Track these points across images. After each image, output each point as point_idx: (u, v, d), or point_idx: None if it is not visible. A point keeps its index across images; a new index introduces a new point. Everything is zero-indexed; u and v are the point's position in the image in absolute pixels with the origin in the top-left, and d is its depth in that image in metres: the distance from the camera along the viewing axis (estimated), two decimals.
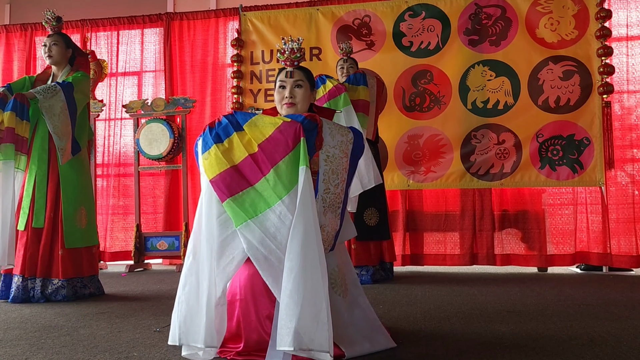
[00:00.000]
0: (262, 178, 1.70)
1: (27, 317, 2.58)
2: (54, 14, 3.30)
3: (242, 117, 1.79)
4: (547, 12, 4.38)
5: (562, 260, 4.35)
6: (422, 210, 4.60)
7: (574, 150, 4.28)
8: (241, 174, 1.71)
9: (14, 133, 2.97)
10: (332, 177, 1.84)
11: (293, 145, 1.70)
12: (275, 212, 1.67)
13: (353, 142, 1.90)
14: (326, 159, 1.83)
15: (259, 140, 1.73)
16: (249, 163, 1.72)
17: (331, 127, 1.86)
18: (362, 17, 4.72)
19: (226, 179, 1.70)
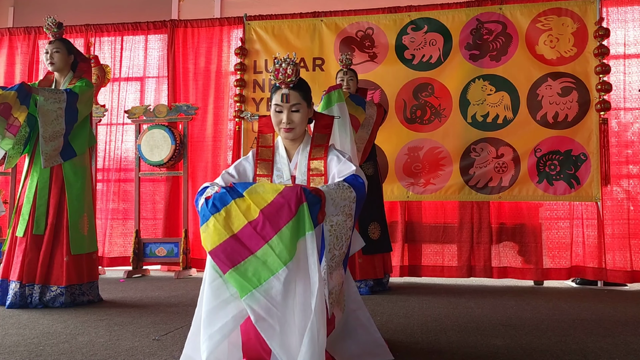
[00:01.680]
0: (265, 245, 1.64)
1: (25, 323, 2.59)
2: (54, 20, 3.27)
3: (242, 185, 1.73)
4: (547, 29, 4.44)
5: (557, 274, 4.38)
6: (420, 221, 4.63)
7: (571, 166, 4.32)
8: (241, 243, 1.65)
9: (10, 111, 2.94)
10: (336, 244, 1.79)
11: (296, 209, 1.65)
12: (279, 279, 1.62)
13: (357, 201, 1.83)
14: (330, 229, 1.78)
15: (261, 205, 1.66)
16: (248, 231, 1.65)
17: (333, 196, 1.76)
18: (365, 29, 4.77)
19: (226, 249, 1.65)
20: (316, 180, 2.01)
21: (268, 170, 2.06)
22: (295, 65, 1.96)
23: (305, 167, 2.04)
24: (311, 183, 2.01)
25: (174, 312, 2.93)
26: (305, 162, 2.04)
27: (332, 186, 1.80)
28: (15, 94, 2.96)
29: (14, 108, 2.96)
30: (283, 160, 2.07)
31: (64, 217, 3.15)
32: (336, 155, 2.02)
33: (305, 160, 2.04)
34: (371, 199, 3.82)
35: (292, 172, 2.06)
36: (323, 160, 2.03)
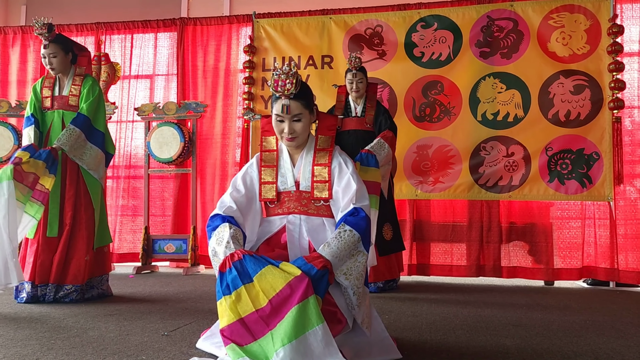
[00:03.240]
0: (268, 333, 1.68)
1: (37, 317, 2.61)
2: (44, 23, 3.12)
3: (252, 266, 1.73)
4: (559, 26, 4.39)
5: (569, 275, 4.34)
6: (429, 220, 4.61)
7: (583, 165, 4.28)
8: (247, 328, 1.70)
9: (37, 182, 2.92)
10: (358, 283, 1.84)
11: (299, 300, 1.66)
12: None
13: (362, 239, 1.87)
14: (345, 275, 1.83)
15: (270, 294, 1.69)
16: (254, 318, 1.69)
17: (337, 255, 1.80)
18: (374, 26, 4.75)
19: (233, 332, 1.70)
20: (320, 187, 2.02)
21: (272, 177, 2.07)
22: (295, 77, 1.92)
23: (309, 172, 2.04)
24: (315, 190, 2.02)
25: (183, 308, 2.94)
26: (310, 167, 2.04)
27: (334, 244, 1.82)
28: (44, 164, 2.95)
29: (42, 178, 2.95)
30: (287, 166, 2.07)
31: (82, 216, 3.17)
32: (339, 164, 2.02)
33: (309, 165, 2.05)
34: (382, 200, 3.79)
35: (296, 178, 2.06)
36: (327, 167, 2.03)
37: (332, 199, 2.02)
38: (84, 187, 3.20)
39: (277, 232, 2.04)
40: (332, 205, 2.04)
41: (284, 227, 2.03)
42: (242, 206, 2.02)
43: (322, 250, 1.82)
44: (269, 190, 2.07)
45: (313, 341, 1.63)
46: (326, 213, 2.04)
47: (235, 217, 1.96)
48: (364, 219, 1.88)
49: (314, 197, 2.02)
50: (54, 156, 3.01)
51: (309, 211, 2.04)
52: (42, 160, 2.95)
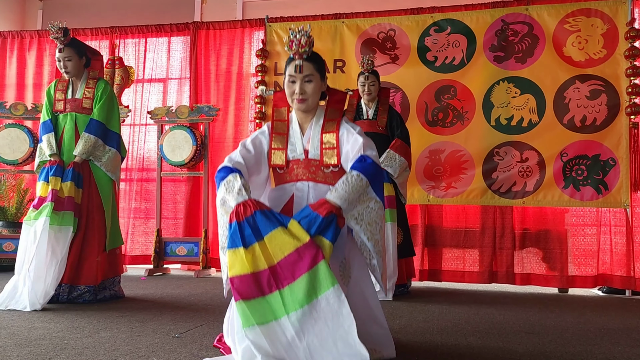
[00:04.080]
0: (276, 291, 1.72)
1: (51, 317, 2.63)
2: (59, 27, 3.18)
3: (263, 225, 1.78)
4: (575, 30, 4.35)
5: (583, 282, 4.28)
6: (441, 225, 4.57)
7: (599, 171, 4.22)
8: (258, 283, 1.74)
9: (73, 202, 3.07)
10: (372, 229, 1.88)
11: (309, 267, 1.70)
12: (279, 325, 1.69)
13: (371, 184, 1.89)
14: (356, 220, 1.86)
15: (278, 257, 1.74)
16: (266, 275, 1.74)
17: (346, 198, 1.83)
18: (387, 30, 4.74)
19: (243, 283, 1.73)
20: (329, 153, 2.04)
21: (282, 144, 2.10)
22: (309, 37, 1.99)
23: (318, 141, 2.07)
24: (324, 156, 2.05)
25: (194, 310, 2.94)
26: (318, 136, 2.07)
27: (340, 187, 1.85)
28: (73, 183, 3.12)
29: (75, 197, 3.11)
30: (296, 135, 2.10)
31: (94, 218, 3.20)
32: (347, 129, 2.05)
33: (318, 134, 2.08)
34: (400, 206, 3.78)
35: (305, 147, 2.09)
36: (335, 133, 2.05)
37: (342, 162, 2.04)
38: (95, 189, 3.23)
39: (288, 202, 2.06)
40: (344, 166, 2.04)
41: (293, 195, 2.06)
42: (250, 165, 2.07)
43: (329, 195, 1.85)
44: (278, 156, 2.10)
45: (325, 305, 1.68)
46: (334, 181, 2.03)
47: (243, 172, 1.99)
48: (372, 164, 1.90)
49: (323, 163, 2.04)
50: (77, 172, 3.15)
51: (317, 178, 2.05)
52: (70, 181, 3.10)
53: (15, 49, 5.68)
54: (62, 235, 3.00)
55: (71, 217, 3.04)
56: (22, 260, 2.98)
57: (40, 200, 3.07)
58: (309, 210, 1.82)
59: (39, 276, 2.89)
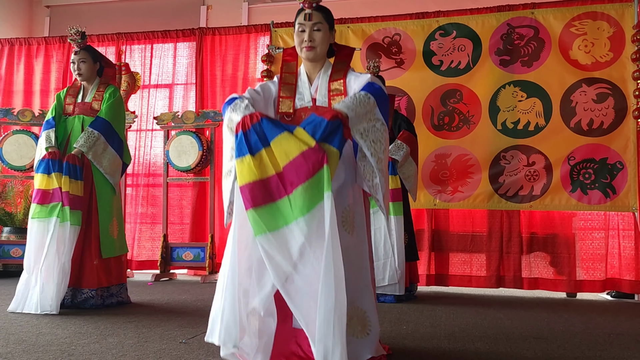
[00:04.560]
0: (285, 197, 1.74)
1: (58, 323, 2.64)
2: (78, 30, 3.28)
3: (269, 130, 1.81)
4: (582, 33, 4.33)
5: (592, 286, 4.24)
6: (448, 230, 4.55)
7: (606, 174, 4.19)
8: (267, 189, 1.76)
9: (69, 196, 3.04)
10: (377, 147, 1.91)
11: (314, 171, 1.72)
12: (290, 231, 1.72)
13: (377, 105, 1.94)
14: (361, 135, 1.89)
15: (283, 161, 1.76)
16: (275, 180, 1.76)
17: (353, 109, 1.87)
18: (392, 35, 4.74)
19: (253, 190, 1.76)
20: (337, 99, 2.08)
21: (291, 93, 2.16)
22: None
23: (325, 89, 2.12)
24: (332, 102, 2.08)
25: (200, 315, 2.94)
26: (326, 85, 2.12)
27: (348, 100, 1.90)
28: (67, 177, 3.07)
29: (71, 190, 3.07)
30: (304, 85, 2.16)
31: (93, 222, 3.20)
32: (354, 75, 2.11)
33: (325, 83, 2.13)
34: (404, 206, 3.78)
35: (313, 95, 2.14)
36: (342, 80, 2.11)
37: None
38: (95, 193, 3.23)
39: None
40: None
41: None
42: (259, 106, 2.07)
43: (336, 105, 1.89)
44: (286, 105, 2.14)
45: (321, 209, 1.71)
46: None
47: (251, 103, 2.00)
48: (380, 89, 1.95)
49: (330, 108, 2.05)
50: (72, 164, 3.09)
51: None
52: (65, 175, 3.07)
53: (22, 55, 5.72)
54: (64, 232, 3.01)
55: (67, 212, 3.03)
56: (31, 258, 3.00)
57: (39, 194, 3.07)
58: (314, 116, 1.83)
59: (49, 276, 2.91)
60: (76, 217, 3.06)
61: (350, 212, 1.94)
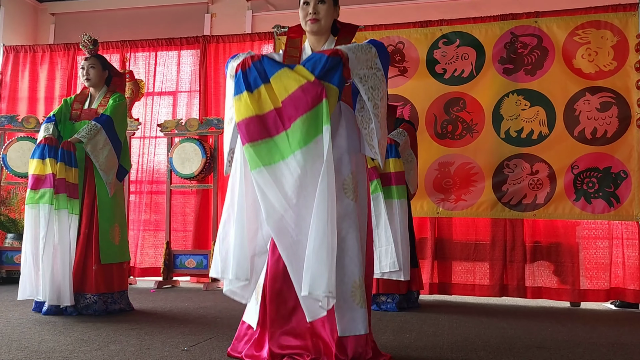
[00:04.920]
0: (283, 132, 1.78)
1: (60, 330, 2.63)
2: (90, 37, 3.39)
3: (269, 67, 1.84)
4: (585, 42, 4.34)
5: (595, 296, 4.22)
6: (451, 238, 4.54)
7: (610, 183, 4.18)
8: (264, 124, 1.80)
9: (65, 183, 3.07)
10: (374, 93, 1.92)
11: (312, 104, 1.76)
12: (287, 165, 1.76)
13: (378, 55, 1.97)
14: (361, 79, 1.91)
15: (282, 96, 1.80)
16: (273, 116, 1.80)
17: (353, 50, 1.90)
18: (395, 43, 4.75)
19: (249, 126, 1.80)
20: None
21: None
22: None
23: None
24: None
25: (203, 323, 2.94)
26: None
27: (350, 45, 1.95)
28: (63, 164, 3.08)
29: (67, 177, 3.09)
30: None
31: (95, 226, 3.21)
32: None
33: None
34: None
35: None
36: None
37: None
38: (96, 197, 3.24)
39: None
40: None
41: None
42: None
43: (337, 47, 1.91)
44: None
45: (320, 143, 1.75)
46: (346, 97, 2.06)
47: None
48: (382, 44, 2.00)
49: None
50: (66, 150, 3.11)
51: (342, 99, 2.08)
52: (59, 162, 3.08)
53: (27, 62, 5.75)
54: (63, 220, 3.02)
55: (64, 199, 3.05)
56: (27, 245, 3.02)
57: (32, 180, 3.09)
58: (314, 53, 1.89)
59: (48, 267, 2.95)
60: (74, 206, 3.07)
61: (352, 179, 1.96)
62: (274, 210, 1.75)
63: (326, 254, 1.67)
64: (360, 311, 1.90)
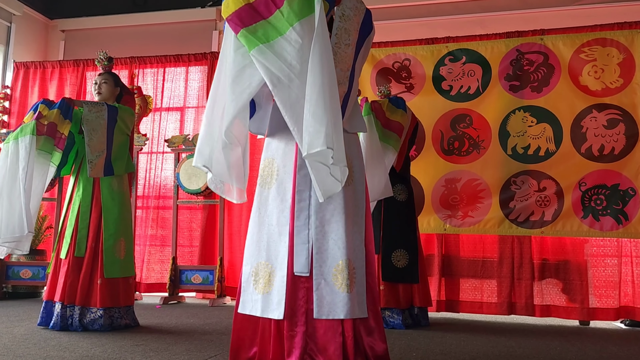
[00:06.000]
0: (276, 11, 1.79)
1: (65, 346, 2.62)
2: (106, 54, 3.52)
3: None
4: (591, 59, 4.34)
5: (605, 315, 4.17)
6: (458, 255, 4.51)
7: (618, 201, 4.15)
8: (255, 10, 1.80)
9: (56, 129, 3.12)
10: (344, 35, 1.94)
11: None
12: (287, 39, 1.76)
13: (364, 15, 2.00)
14: (341, 16, 1.94)
15: None
16: (263, 1, 1.81)
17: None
18: (402, 60, 4.78)
19: (241, 14, 1.80)
20: None
21: None
22: None
23: None
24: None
25: (208, 340, 2.92)
26: None
27: None
28: (58, 111, 3.16)
29: (59, 125, 3.15)
30: None
31: (101, 240, 3.22)
32: None
33: None
34: (399, 223, 3.73)
35: None
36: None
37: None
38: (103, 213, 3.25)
39: None
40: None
41: None
42: None
43: None
44: None
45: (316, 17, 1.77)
46: None
47: None
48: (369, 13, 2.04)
49: None
50: (67, 103, 3.21)
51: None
52: (57, 108, 3.15)
53: (37, 78, 5.82)
54: (40, 160, 3.03)
55: (51, 144, 3.07)
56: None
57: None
58: None
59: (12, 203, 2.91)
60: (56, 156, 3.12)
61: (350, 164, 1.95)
62: (280, 82, 1.75)
63: (322, 110, 1.66)
64: (341, 295, 1.86)
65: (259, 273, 1.96)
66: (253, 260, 2.00)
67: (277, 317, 1.87)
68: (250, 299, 1.97)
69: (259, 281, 1.95)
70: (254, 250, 2.01)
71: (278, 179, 2.01)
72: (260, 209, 2.03)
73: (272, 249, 1.95)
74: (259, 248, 1.99)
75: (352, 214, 1.95)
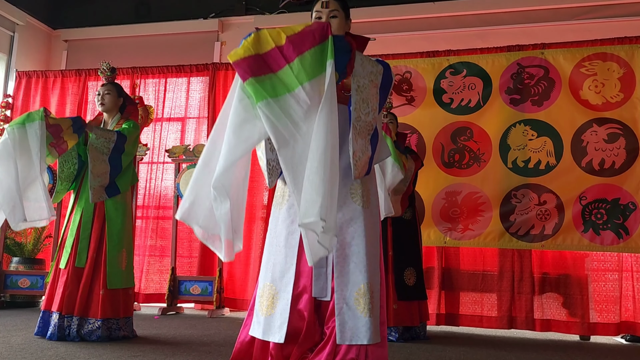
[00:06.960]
0: (286, 65, 1.74)
1: (62, 356, 2.60)
2: (109, 65, 3.53)
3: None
4: (592, 74, 4.36)
5: (605, 330, 4.14)
6: (458, 268, 4.49)
7: (619, 215, 4.15)
8: (265, 62, 1.76)
9: (60, 132, 3.10)
10: (362, 106, 1.91)
11: (320, 39, 1.76)
12: (294, 97, 1.72)
13: (382, 74, 1.98)
14: (357, 88, 1.90)
15: (289, 33, 1.77)
16: (274, 53, 1.76)
17: (362, 57, 1.93)
18: (402, 73, 4.80)
19: (250, 62, 1.75)
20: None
21: None
22: None
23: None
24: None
25: (206, 351, 2.90)
26: None
27: (361, 54, 1.95)
28: (71, 121, 3.18)
29: (65, 132, 3.14)
30: None
31: (103, 251, 3.21)
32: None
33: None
34: (408, 243, 3.75)
35: None
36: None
37: None
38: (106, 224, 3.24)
39: None
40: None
41: None
42: None
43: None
44: None
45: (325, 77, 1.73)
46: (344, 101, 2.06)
47: None
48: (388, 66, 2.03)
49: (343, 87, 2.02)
50: (82, 122, 3.22)
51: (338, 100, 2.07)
52: (71, 119, 3.17)
53: (39, 88, 5.83)
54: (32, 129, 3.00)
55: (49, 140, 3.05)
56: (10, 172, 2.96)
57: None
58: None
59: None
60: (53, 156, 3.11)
61: (361, 185, 1.95)
62: (285, 142, 1.71)
63: (320, 179, 1.62)
64: (363, 320, 1.85)
65: (264, 295, 1.96)
66: (261, 281, 2.00)
67: (278, 340, 1.86)
68: (257, 320, 1.97)
69: (264, 303, 1.95)
70: (263, 270, 2.01)
71: (290, 201, 2.00)
72: (272, 229, 2.03)
73: (278, 270, 1.95)
74: (267, 269, 1.99)
75: (371, 237, 1.95)
